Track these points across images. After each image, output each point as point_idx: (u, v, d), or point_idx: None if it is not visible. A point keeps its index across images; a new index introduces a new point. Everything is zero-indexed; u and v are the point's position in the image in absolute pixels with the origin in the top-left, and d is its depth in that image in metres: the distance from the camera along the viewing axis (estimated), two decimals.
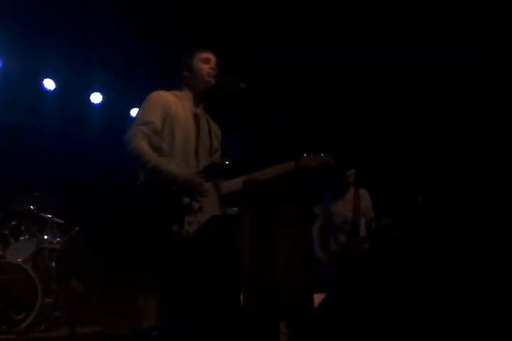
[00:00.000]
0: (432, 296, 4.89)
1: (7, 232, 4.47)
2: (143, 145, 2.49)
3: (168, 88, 2.78)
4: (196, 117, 2.73)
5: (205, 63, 2.75)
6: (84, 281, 4.68)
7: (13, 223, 4.57)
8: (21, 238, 4.53)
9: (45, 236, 4.65)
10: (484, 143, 4.92)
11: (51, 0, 4.95)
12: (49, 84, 5.95)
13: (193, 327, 2.48)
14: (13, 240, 4.47)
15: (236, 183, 2.71)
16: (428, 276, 5.02)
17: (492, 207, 4.93)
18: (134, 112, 6.26)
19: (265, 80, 4.91)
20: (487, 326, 4.32)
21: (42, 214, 4.72)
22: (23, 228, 4.58)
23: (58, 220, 4.81)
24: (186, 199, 2.45)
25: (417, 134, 5.10)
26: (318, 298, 4.98)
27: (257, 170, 2.77)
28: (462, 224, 5.02)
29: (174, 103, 2.68)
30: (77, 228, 4.80)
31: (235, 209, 2.67)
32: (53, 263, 4.58)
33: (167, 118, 2.60)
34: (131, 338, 3.87)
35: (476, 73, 4.91)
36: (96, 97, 6.32)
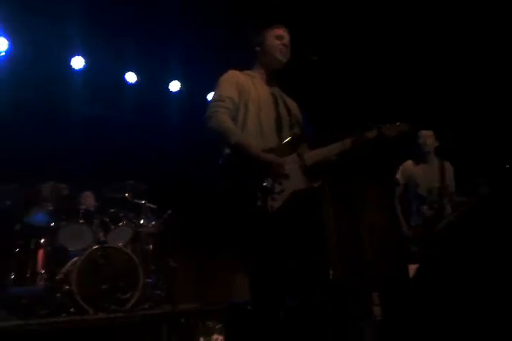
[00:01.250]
0: None
1: (107, 219, 4.81)
2: (226, 120, 2.51)
3: (239, 66, 2.79)
4: (270, 92, 2.74)
5: (279, 40, 2.72)
6: (180, 261, 4.91)
7: (112, 210, 4.91)
8: (120, 224, 4.86)
9: (141, 221, 4.96)
10: None
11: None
12: (131, 77, 6.23)
13: (285, 302, 2.56)
14: (113, 226, 4.80)
15: (319, 153, 2.67)
16: None
17: None
18: (210, 96, 6.42)
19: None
20: None
21: (136, 200, 5.01)
22: (121, 214, 4.91)
23: (151, 205, 5.08)
24: (268, 177, 2.46)
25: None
26: (412, 268, 4.89)
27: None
28: None
29: (246, 81, 2.69)
30: (169, 211, 5.04)
31: (317, 182, 2.62)
32: (151, 246, 4.88)
33: (242, 95, 2.63)
34: (228, 311, 4.03)
35: None
36: (174, 85, 6.55)
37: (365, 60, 5.33)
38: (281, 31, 2.76)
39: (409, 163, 4.49)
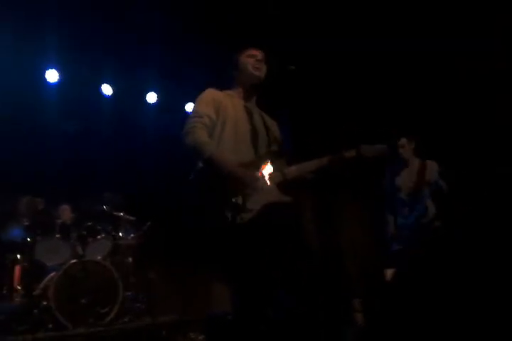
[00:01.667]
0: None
1: (85, 233, 4.76)
2: (203, 135, 2.57)
3: (219, 86, 2.86)
4: (247, 110, 2.81)
5: (251, 58, 2.82)
6: (160, 273, 4.88)
7: (89, 223, 4.85)
8: (98, 237, 4.81)
9: (120, 234, 4.92)
10: None
11: (98, 12, 5.15)
12: (107, 89, 6.21)
13: (265, 311, 2.56)
14: (91, 239, 4.75)
15: (294, 170, 2.71)
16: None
17: None
18: (189, 107, 6.43)
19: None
20: None
21: (114, 212, 4.98)
22: (99, 227, 4.86)
23: (130, 217, 5.05)
24: (240, 191, 2.49)
25: None
26: (389, 273, 4.94)
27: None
28: None
29: (224, 99, 2.76)
30: (148, 223, 5.02)
31: (289, 197, 2.65)
32: (130, 259, 4.83)
33: (219, 113, 2.69)
34: (207, 323, 4.02)
35: None
36: (151, 97, 6.55)
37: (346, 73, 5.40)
38: (253, 51, 2.87)
39: (390, 172, 4.63)
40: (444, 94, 4.98)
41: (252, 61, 2.81)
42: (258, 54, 2.85)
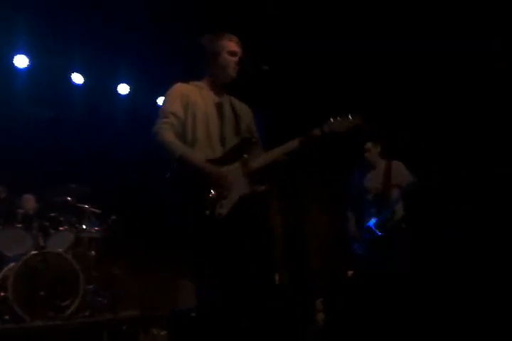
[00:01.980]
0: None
1: (47, 223, 4.65)
2: (169, 136, 2.58)
3: (191, 77, 2.82)
4: (218, 105, 2.78)
5: (233, 56, 2.76)
6: (123, 267, 4.81)
7: (53, 214, 4.75)
8: (61, 228, 4.71)
9: (84, 226, 4.82)
10: None
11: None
12: (77, 78, 6.08)
13: (230, 307, 2.56)
14: (53, 231, 4.65)
15: (267, 156, 2.70)
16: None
17: None
18: (161, 100, 6.35)
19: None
20: None
21: (79, 204, 4.88)
22: (62, 219, 4.75)
23: (95, 210, 4.96)
24: (214, 187, 2.51)
25: None
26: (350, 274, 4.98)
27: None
28: None
29: (193, 93, 2.74)
30: (113, 216, 4.94)
31: (262, 186, 2.70)
32: (93, 252, 4.75)
33: (188, 108, 2.68)
34: (171, 319, 3.99)
35: None
36: (123, 88, 6.44)
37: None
38: (235, 46, 2.79)
39: (358, 174, 4.65)
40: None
41: (233, 62, 2.76)
42: (239, 51, 2.79)
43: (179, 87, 2.76)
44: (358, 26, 5.13)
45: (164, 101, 2.74)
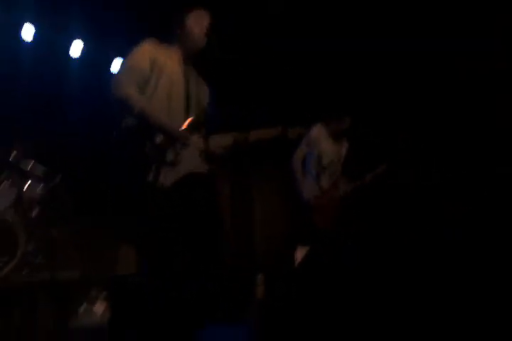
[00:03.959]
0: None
1: None
2: (131, 91, 2.51)
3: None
4: (185, 71, 2.76)
5: (199, 24, 2.75)
6: (65, 229, 4.72)
7: None
8: (1, 186, 4.53)
9: (27, 184, 4.66)
10: None
11: None
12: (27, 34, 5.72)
13: (170, 278, 2.57)
14: None
15: (224, 139, 2.75)
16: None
17: None
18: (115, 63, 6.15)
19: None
20: None
21: (23, 161, 4.69)
22: (3, 176, 4.57)
23: (40, 167, 4.78)
24: (166, 150, 2.48)
25: None
26: (301, 250, 4.96)
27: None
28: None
29: (162, 54, 2.69)
30: (59, 176, 4.78)
31: (212, 166, 2.70)
32: (34, 211, 4.61)
33: (154, 68, 2.62)
34: (111, 282, 3.97)
35: None
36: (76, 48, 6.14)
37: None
38: (203, 18, 2.77)
39: (320, 131, 4.62)
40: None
41: (200, 33, 2.74)
42: (206, 20, 2.77)
43: (149, 45, 2.70)
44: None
45: (130, 56, 2.67)
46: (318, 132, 4.61)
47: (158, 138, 2.47)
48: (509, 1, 4.56)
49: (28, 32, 5.67)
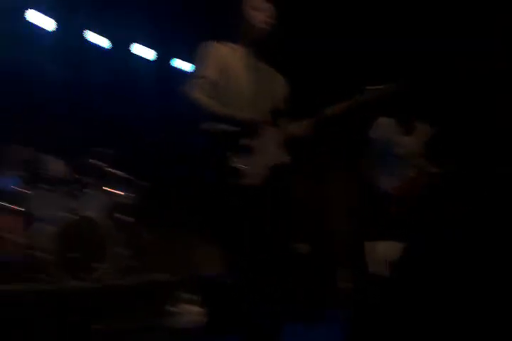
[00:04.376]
0: None
1: (78, 187, 4.63)
2: (200, 96, 2.56)
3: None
4: (253, 68, 2.73)
5: (257, 10, 2.70)
6: (153, 232, 4.85)
7: (83, 178, 4.72)
8: (92, 192, 4.69)
9: (113, 190, 4.81)
10: None
11: None
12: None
13: (259, 276, 2.61)
14: (83, 194, 4.64)
15: (305, 124, 2.68)
16: None
17: None
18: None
19: None
20: None
21: (109, 169, 4.85)
22: (92, 183, 4.73)
23: (125, 175, 4.93)
24: (245, 145, 2.52)
25: None
26: (369, 246, 4.85)
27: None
28: None
29: (228, 56, 2.69)
30: (144, 181, 4.93)
31: (290, 157, 2.66)
32: (123, 216, 4.77)
33: (222, 71, 2.63)
34: (201, 284, 4.06)
35: None
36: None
37: None
38: (259, 2, 2.72)
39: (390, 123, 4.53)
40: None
41: (259, 14, 2.69)
42: (264, 4, 2.72)
43: (214, 48, 2.70)
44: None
45: (197, 62, 2.68)
46: (388, 124, 4.54)
47: (235, 134, 2.51)
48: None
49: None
